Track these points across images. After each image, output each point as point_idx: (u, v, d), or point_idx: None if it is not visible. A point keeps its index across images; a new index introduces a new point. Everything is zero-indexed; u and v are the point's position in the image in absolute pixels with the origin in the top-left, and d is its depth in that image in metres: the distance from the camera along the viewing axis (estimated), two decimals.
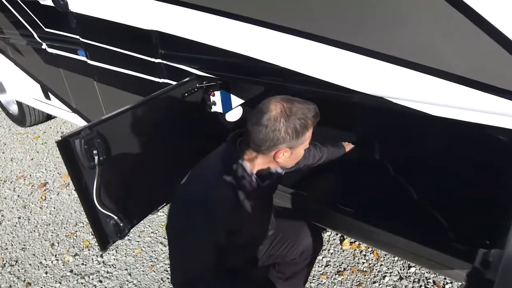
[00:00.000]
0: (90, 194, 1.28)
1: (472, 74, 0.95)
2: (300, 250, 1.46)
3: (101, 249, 1.41)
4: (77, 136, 1.19)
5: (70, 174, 1.23)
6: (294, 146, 1.08)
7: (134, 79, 1.94)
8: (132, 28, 1.77)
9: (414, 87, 1.06)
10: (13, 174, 3.07)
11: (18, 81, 3.13)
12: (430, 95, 1.04)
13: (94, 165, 1.25)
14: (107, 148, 1.29)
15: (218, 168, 1.14)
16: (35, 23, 2.42)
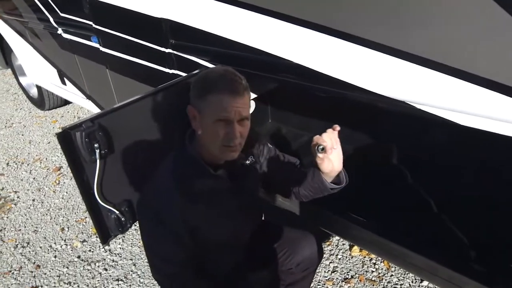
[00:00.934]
0: (91, 188, 1.25)
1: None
2: (297, 261, 1.36)
3: (102, 242, 1.38)
4: (78, 128, 1.16)
5: (71, 168, 1.20)
6: (199, 109, 1.01)
7: (145, 69, 1.89)
8: (143, 16, 1.71)
9: (440, 91, 0.96)
10: (30, 156, 3.13)
11: (37, 65, 3.16)
12: (460, 101, 0.94)
13: (95, 158, 1.22)
14: (109, 141, 1.25)
15: (167, 168, 1.09)
16: (51, 7, 2.40)
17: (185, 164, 1.04)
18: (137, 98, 1.35)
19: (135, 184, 1.41)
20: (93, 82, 2.56)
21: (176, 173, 1.02)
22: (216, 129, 0.99)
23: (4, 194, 2.66)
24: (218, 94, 0.98)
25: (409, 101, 1.05)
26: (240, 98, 0.99)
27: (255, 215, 1.36)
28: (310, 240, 1.35)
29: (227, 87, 0.98)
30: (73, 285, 1.92)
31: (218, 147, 1.01)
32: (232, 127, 0.98)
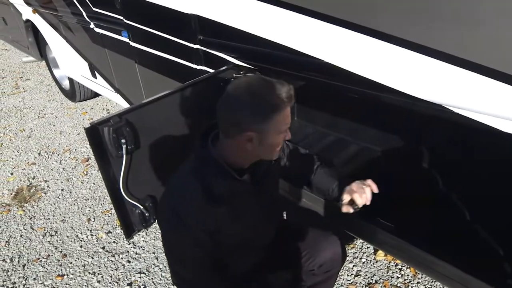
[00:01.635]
0: (117, 183, 1.27)
1: None
2: (320, 262, 1.32)
3: (126, 237, 1.40)
4: (106, 124, 1.16)
5: (98, 162, 1.21)
6: (263, 130, 0.93)
7: (173, 64, 1.90)
8: (172, 11, 1.71)
9: (482, 95, 0.89)
10: (60, 147, 3.23)
11: (69, 58, 3.25)
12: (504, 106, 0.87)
13: (122, 154, 1.23)
14: (135, 137, 1.26)
15: (189, 170, 1.04)
16: (85, 1, 2.45)
17: (209, 167, 1.00)
18: (164, 95, 1.35)
19: (160, 180, 1.41)
20: (122, 75, 2.60)
21: (199, 176, 0.99)
22: (279, 140, 0.99)
23: (35, 183, 2.77)
24: (282, 111, 0.94)
25: (446, 104, 0.98)
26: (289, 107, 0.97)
27: (275, 216, 1.34)
28: (333, 241, 1.31)
29: (287, 101, 0.94)
30: (97, 276, 1.96)
31: (274, 153, 1.02)
32: (287, 132, 0.99)
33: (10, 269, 2.04)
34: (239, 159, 1.01)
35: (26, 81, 4.90)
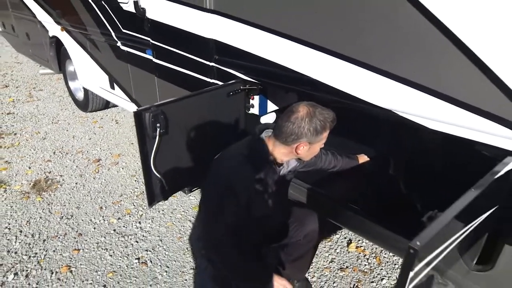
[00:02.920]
0: (149, 159, 1.65)
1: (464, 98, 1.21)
2: (305, 233, 1.71)
3: (148, 204, 1.76)
4: (148, 110, 1.57)
5: (138, 140, 1.60)
6: (312, 142, 1.38)
7: (189, 78, 2.33)
8: (194, 35, 2.17)
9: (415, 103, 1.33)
10: (73, 148, 3.57)
11: (90, 71, 3.68)
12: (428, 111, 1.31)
13: (155, 135, 1.62)
14: (166, 124, 1.65)
15: (243, 153, 1.46)
16: (115, 24, 2.92)
17: (260, 158, 1.45)
18: (187, 96, 1.78)
19: (180, 162, 1.80)
20: (140, 87, 3.02)
21: (251, 157, 1.43)
22: (319, 148, 1.45)
23: (51, 176, 3.08)
24: (328, 130, 1.39)
25: (395, 110, 1.42)
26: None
27: (286, 202, 1.77)
28: (314, 217, 1.70)
29: (334, 123, 1.39)
30: (109, 251, 2.27)
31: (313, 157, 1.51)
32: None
33: (32, 242, 2.33)
34: (281, 157, 1.46)
35: (39, 91, 5.29)
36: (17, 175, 3.09)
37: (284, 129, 1.37)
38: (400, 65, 1.34)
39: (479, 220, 1.15)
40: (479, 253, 1.41)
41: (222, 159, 1.52)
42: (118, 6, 2.75)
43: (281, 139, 1.40)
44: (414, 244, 0.75)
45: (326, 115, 1.36)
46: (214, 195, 1.47)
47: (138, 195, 2.82)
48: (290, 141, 1.38)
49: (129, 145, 3.64)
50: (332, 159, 1.89)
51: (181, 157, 1.79)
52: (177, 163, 1.79)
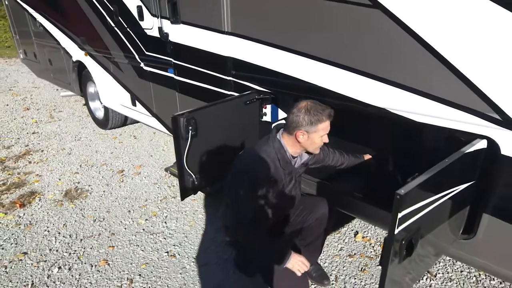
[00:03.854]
0: (182, 157, 1.95)
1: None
2: (317, 216, 1.98)
3: (181, 198, 2.05)
4: (182, 116, 1.89)
5: (174, 140, 1.91)
6: (309, 131, 1.65)
7: (209, 91, 2.67)
8: (214, 54, 2.52)
9: (402, 101, 1.64)
10: (98, 161, 3.89)
11: (112, 91, 4.04)
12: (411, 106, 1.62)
13: (188, 137, 1.93)
14: (197, 127, 1.97)
15: (263, 148, 1.75)
16: (139, 47, 3.29)
17: (278, 147, 1.73)
18: (214, 103, 2.10)
19: (208, 160, 2.10)
20: (161, 103, 3.37)
21: (272, 152, 1.72)
22: (319, 139, 1.69)
23: (81, 186, 3.38)
24: (325, 123, 1.65)
25: (388, 108, 1.73)
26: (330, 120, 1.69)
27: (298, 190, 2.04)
28: (325, 201, 1.97)
29: (329, 117, 1.65)
30: (141, 247, 2.53)
31: (316, 148, 1.74)
32: (326, 137, 1.71)
33: (70, 242, 2.60)
34: (293, 149, 1.75)
35: (59, 112, 5.66)
36: (48, 186, 3.39)
37: (288, 120, 1.69)
38: (390, 71, 1.66)
39: (458, 189, 1.43)
40: (464, 224, 1.69)
41: (245, 154, 1.82)
42: (142, 32, 3.12)
43: (287, 129, 1.71)
44: (400, 192, 1.04)
45: (321, 109, 1.64)
46: (239, 184, 1.75)
47: (162, 200, 3.11)
48: (291, 130, 1.68)
49: (148, 157, 3.95)
50: (340, 157, 2.15)
51: (208, 156, 2.10)
52: (205, 161, 2.09)
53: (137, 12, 3.06)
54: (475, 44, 1.38)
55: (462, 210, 1.61)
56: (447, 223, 1.54)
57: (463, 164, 1.36)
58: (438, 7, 1.44)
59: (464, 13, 1.38)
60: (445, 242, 1.62)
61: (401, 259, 1.21)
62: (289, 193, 1.92)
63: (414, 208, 1.14)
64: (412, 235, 1.22)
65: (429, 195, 1.21)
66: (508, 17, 1.28)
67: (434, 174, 1.16)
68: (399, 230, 1.11)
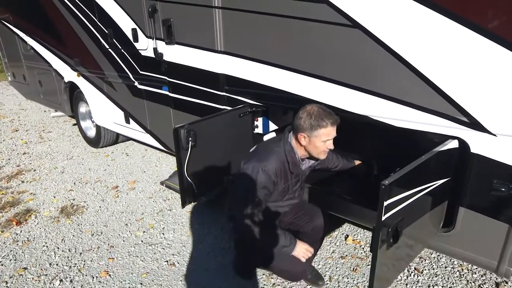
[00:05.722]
0: (183, 166, 2.08)
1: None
2: (313, 226, 2.11)
3: (182, 206, 2.16)
4: (182, 127, 2.03)
5: (176, 151, 2.04)
6: (310, 135, 1.77)
7: (203, 106, 2.83)
8: (207, 72, 2.69)
9: (384, 109, 1.84)
10: (91, 178, 3.94)
11: (105, 109, 4.15)
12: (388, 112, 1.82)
13: (188, 147, 2.07)
14: (195, 138, 2.11)
15: (275, 148, 1.86)
16: (133, 67, 3.44)
17: (288, 149, 1.85)
18: (211, 116, 2.25)
19: (206, 169, 2.23)
20: (155, 120, 3.49)
21: (282, 154, 1.84)
22: (321, 144, 1.76)
23: (76, 203, 3.42)
24: (326, 129, 1.71)
25: (371, 116, 1.92)
26: (334, 127, 1.75)
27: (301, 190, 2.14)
28: (323, 215, 2.11)
29: (331, 123, 1.70)
30: (140, 257, 2.60)
31: (320, 153, 1.81)
32: (330, 142, 1.78)
33: (70, 255, 2.65)
34: (300, 152, 1.86)
35: (48, 133, 5.68)
36: (44, 204, 3.42)
37: (293, 123, 1.80)
38: (371, 83, 1.86)
39: (435, 184, 1.61)
40: (443, 218, 1.86)
41: (260, 147, 1.95)
42: (136, 52, 3.28)
43: (293, 132, 1.83)
44: (384, 182, 1.21)
45: (324, 114, 1.70)
46: (251, 175, 1.82)
47: (158, 212, 3.19)
48: (295, 132, 1.80)
49: (142, 173, 4.03)
50: (336, 160, 2.30)
51: (206, 165, 2.23)
52: (204, 170, 2.22)
53: (132, 34, 3.22)
54: (443, 57, 1.60)
55: (441, 204, 1.78)
56: (428, 215, 1.71)
57: (438, 161, 1.54)
58: (409, 25, 1.66)
59: (431, 26, 1.60)
60: (428, 234, 1.79)
61: (388, 245, 1.36)
62: (293, 194, 2.03)
63: (398, 198, 1.31)
64: (398, 223, 1.38)
65: (410, 187, 1.38)
66: (468, 31, 1.49)
67: (413, 168, 1.34)
68: (385, 217, 1.27)
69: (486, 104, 1.54)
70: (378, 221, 1.24)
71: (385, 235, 1.32)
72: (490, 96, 1.53)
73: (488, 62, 1.49)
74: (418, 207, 1.53)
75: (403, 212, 1.38)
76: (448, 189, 1.75)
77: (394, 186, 1.24)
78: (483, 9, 1.44)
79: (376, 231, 1.26)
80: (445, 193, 1.76)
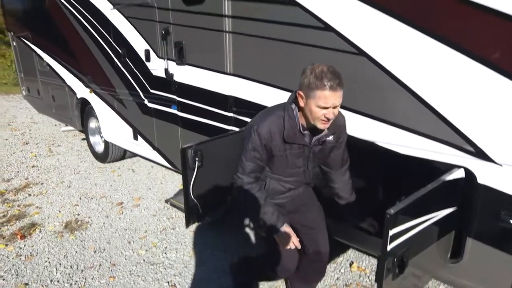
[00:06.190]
0: (189, 186, 2.09)
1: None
2: (315, 248, 2.02)
3: (186, 225, 2.15)
4: (190, 148, 2.05)
5: (182, 170, 2.05)
6: (307, 96, 1.50)
7: (210, 126, 2.86)
8: (216, 93, 2.74)
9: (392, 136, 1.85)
10: (97, 194, 3.96)
11: (114, 126, 4.22)
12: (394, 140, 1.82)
13: (194, 167, 2.08)
14: (202, 159, 2.12)
15: (275, 109, 1.70)
16: (144, 86, 3.51)
17: (288, 115, 1.62)
18: (218, 137, 2.28)
19: (211, 190, 2.24)
20: (163, 137, 3.53)
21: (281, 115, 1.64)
22: (317, 110, 1.49)
23: (81, 218, 3.43)
24: (322, 91, 1.43)
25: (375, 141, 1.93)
26: (335, 92, 1.45)
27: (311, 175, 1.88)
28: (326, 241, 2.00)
29: (328, 87, 1.41)
30: (141, 277, 2.57)
31: (316, 120, 1.54)
32: (328, 111, 1.50)
33: (71, 272, 2.63)
34: (301, 118, 1.63)
35: (57, 147, 5.77)
36: (49, 218, 3.44)
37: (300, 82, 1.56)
38: (379, 110, 1.88)
39: (442, 214, 1.59)
40: (451, 248, 1.83)
41: (264, 110, 1.79)
42: (148, 72, 3.36)
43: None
44: (389, 211, 1.20)
45: (325, 74, 1.43)
46: (246, 133, 1.74)
47: (161, 231, 3.17)
48: (297, 90, 1.56)
49: (147, 190, 4.04)
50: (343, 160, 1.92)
51: (211, 186, 2.24)
52: (209, 190, 2.23)
53: (144, 54, 3.31)
54: (449, 86, 1.61)
55: (448, 234, 1.75)
56: (435, 245, 1.68)
57: (445, 190, 1.53)
58: (415, 55, 1.69)
59: (438, 57, 1.62)
60: (435, 265, 1.75)
61: (394, 275, 1.33)
62: (297, 169, 1.79)
63: (404, 228, 1.29)
64: (403, 253, 1.36)
65: (416, 216, 1.37)
66: (474, 63, 1.51)
67: (419, 197, 1.33)
68: (391, 247, 1.25)
69: (491, 134, 1.54)
70: (383, 251, 1.22)
71: (391, 265, 1.30)
72: (495, 126, 1.53)
73: (492, 93, 1.50)
74: (425, 236, 1.50)
75: (409, 241, 1.36)
76: (455, 219, 1.72)
77: (400, 215, 1.23)
78: (488, 42, 1.46)
79: (381, 261, 1.24)
80: (452, 223, 1.73)
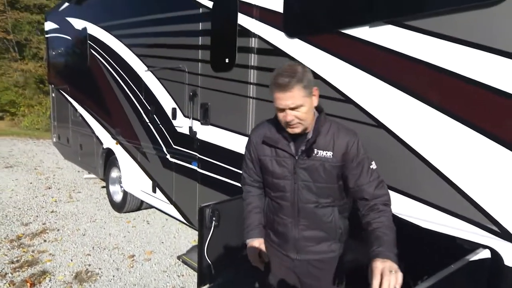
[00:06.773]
0: (203, 246, 2.08)
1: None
2: None
3: (197, 287, 2.10)
4: (208, 207, 2.08)
5: (199, 229, 2.06)
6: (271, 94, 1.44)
7: (229, 185, 2.91)
8: (237, 153, 2.83)
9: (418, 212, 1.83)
10: (110, 244, 3.95)
11: (135, 177, 4.33)
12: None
13: (211, 226, 2.09)
14: (219, 218, 2.14)
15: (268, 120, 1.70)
16: (167, 141, 3.67)
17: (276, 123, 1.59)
18: (236, 197, 2.30)
19: (226, 251, 2.21)
20: (181, 192, 3.59)
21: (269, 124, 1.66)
22: (278, 113, 1.47)
23: (91, 269, 3.39)
24: (273, 93, 1.40)
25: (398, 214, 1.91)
26: (285, 93, 1.36)
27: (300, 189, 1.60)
28: None
29: (276, 87, 1.37)
30: None
31: (283, 124, 1.51)
32: (286, 113, 1.42)
33: None
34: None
35: (77, 193, 5.91)
36: (60, 266, 3.42)
37: None
38: (403, 184, 1.89)
39: None
40: None
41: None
42: (173, 128, 3.54)
43: None
44: None
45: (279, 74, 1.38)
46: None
47: None
48: None
49: (159, 244, 4.01)
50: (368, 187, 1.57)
51: (226, 247, 2.21)
52: (223, 252, 2.20)
53: (171, 112, 3.52)
54: (473, 166, 1.63)
55: None
56: None
57: (469, 272, 1.47)
58: (437, 134, 1.74)
59: (461, 138, 1.66)
60: None
61: None
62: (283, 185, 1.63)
63: None
64: None
65: None
66: (497, 145, 1.54)
67: (443, 278, 1.28)
68: None
69: None
70: None
71: None
72: None
73: None
74: None
75: None
76: None
77: None
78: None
79: None
80: None
